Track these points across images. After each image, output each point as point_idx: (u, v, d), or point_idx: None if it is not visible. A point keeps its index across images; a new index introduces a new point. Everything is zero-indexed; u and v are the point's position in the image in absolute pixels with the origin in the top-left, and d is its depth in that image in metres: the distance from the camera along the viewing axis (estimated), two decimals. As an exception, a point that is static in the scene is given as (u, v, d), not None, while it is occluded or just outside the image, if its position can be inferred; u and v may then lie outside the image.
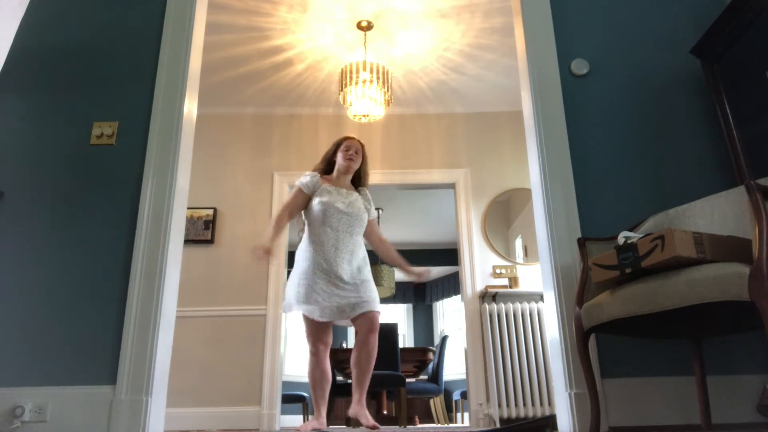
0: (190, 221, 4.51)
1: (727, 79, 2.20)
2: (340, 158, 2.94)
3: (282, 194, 4.67)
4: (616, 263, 1.65)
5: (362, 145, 3.02)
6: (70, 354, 2.00)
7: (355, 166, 2.95)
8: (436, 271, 8.73)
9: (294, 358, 8.19)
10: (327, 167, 3.01)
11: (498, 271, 4.48)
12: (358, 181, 3.04)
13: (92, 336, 2.02)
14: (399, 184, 4.82)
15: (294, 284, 2.76)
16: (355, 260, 2.80)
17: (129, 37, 2.48)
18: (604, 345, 2.01)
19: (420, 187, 4.91)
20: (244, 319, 4.29)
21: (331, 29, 4.03)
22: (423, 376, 7.08)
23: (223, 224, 4.58)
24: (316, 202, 2.81)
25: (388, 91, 3.78)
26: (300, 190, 2.86)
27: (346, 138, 3.01)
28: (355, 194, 2.95)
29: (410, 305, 9.40)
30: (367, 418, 2.69)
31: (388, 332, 5.00)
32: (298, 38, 4.10)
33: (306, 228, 2.87)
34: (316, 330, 2.77)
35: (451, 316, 8.85)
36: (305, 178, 2.89)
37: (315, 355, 2.77)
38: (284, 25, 3.96)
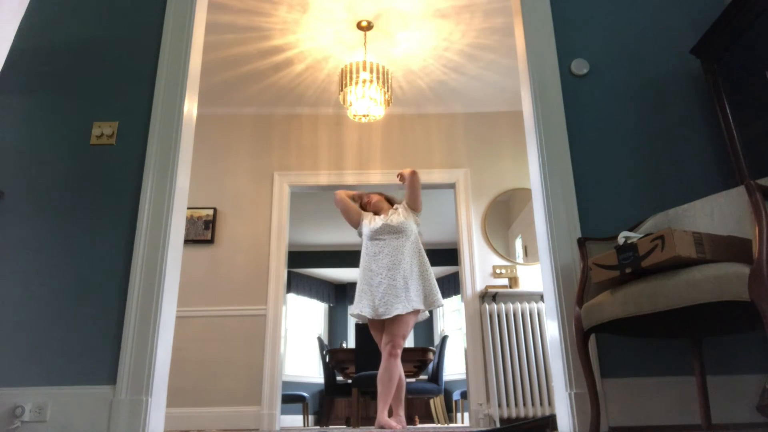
0: (190, 221, 4.51)
1: (727, 79, 2.20)
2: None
3: (282, 194, 4.66)
4: (616, 263, 1.65)
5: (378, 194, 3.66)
6: (70, 354, 2.00)
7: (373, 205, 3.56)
8: (436, 272, 8.72)
9: (294, 358, 8.19)
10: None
11: (498, 271, 4.48)
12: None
13: (92, 336, 2.02)
14: (399, 184, 4.81)
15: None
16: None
17: (129, 37, 2.48)
18: (604, 345, 2.01)
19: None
20: (244, 319, 4.29)
21: (331, 29, 4.03)
22: (423, 376, 7.08)
23: (223, 224, 4.58)
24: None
25: (388, 91, 3.78)
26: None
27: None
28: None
29: (410, 305, 9.36)
30: (387, 422, 2.96)
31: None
32: (298, 38, 4.10)
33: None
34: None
35: (451, 316, 8.84)
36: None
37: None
38: (284, 25, 3.96)
